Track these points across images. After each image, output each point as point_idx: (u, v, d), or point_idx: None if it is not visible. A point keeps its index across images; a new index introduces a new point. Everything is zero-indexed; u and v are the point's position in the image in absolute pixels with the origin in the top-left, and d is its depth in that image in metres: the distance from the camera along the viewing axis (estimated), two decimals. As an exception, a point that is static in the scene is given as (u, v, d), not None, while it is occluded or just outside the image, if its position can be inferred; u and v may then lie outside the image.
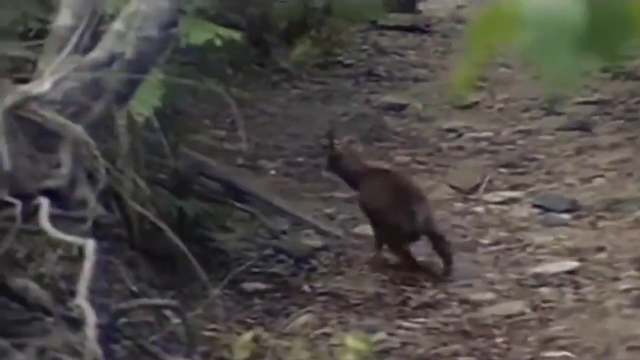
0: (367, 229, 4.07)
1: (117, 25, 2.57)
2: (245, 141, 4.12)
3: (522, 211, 4.41)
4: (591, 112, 5.44)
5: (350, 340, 2.80)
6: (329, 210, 4.42)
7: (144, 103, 3.02)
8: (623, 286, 3.66)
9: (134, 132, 3.01)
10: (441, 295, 3.70)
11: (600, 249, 3.98)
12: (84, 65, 2.51)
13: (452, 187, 4.69)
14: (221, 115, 5.01)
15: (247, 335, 2.96)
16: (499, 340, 3.38)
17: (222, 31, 3.68)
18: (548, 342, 3.34)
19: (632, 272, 3.76)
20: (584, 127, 5.26)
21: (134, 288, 3.14)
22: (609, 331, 3.36)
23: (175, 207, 3.53)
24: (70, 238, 2.32)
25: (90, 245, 2.27)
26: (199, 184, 3.81)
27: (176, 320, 2.80)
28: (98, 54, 2.54)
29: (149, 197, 2.75)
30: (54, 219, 2.32)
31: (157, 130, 3.12)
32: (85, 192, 2.41)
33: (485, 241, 4.17)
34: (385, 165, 4.31)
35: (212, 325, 3.27)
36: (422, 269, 3.85)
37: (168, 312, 2.95)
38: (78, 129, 2.43)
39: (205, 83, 3.23)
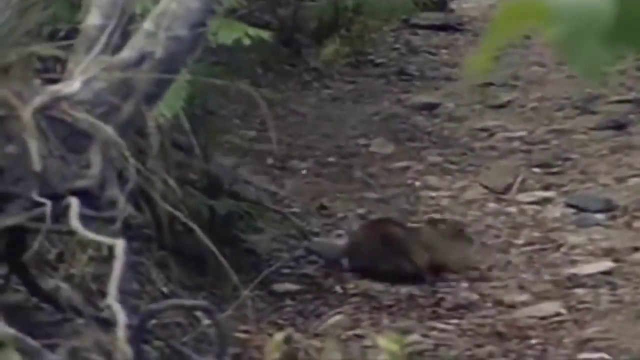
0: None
1: (147, 24, 2.55)
2: (275, 141, 4.10)
3: (556, 211, 4.36)
4: (626, 111, 5.37)
5: (383, 342, 2.77)
6: (360, 211, 4.39)
7: (168, 104, 3.00)
8: (659, 287, 3.61)
9: (162, 132, 2.99)
10: (475, 297, 3.67)
11: (636, 249, 3.92)
12: (113, 65, 2.50)
13: (485, 187, 4.64)
14: (251, 116, 5.00)
15: (279, 336, 2.94)
16: (534, 341, 3.34)
17: (251, 31, 3.66)
18: (584, 344, 3.29)
19: (669, 273, 3.71)
20: (619, 126, 5.19)
21: (165, 289, 3.13)
22: (646, 332, 3.31)
23: (206, 207, 3.52)
24: (100, 238, 2.31)
25: (120, 245, 2.25)
26: (229, 184, 3.80)
27: (207, 321, 2.78)
28: (128, 53, 2.53)
29: (180, 198, 2.73)
30: (84, 219, 2.31)
31: (187, 131, 3.10)
32: (115, 192, 2.39)
33: (519, 242, 4.12)
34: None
35: (244, 327, 3.25)
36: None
37: (199, 313, 2.94)
38: (108, 129, 2.41)
39: (236, 83, 3.21)
